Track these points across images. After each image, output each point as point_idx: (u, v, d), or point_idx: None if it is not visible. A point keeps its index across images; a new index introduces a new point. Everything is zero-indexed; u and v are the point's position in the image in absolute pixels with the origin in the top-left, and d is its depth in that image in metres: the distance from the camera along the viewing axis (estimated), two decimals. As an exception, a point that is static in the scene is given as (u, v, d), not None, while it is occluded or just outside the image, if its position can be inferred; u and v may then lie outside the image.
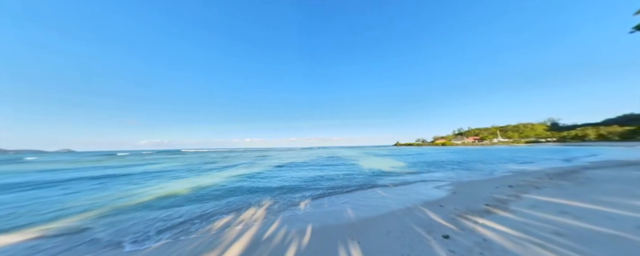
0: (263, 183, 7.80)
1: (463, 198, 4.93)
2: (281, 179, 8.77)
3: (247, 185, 7.59)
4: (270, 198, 5.59)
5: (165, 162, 20.44)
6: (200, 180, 9.02)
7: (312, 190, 6.51)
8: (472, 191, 5.67)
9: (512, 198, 4.68)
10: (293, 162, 17.54)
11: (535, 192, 5.16)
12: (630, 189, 4.93)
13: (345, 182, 7.78)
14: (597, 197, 4.38)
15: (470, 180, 7.62)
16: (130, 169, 14.13)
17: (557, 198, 4.43)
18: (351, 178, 8.46)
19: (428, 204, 4.55)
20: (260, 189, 6.75)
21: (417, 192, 5.79)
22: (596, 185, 5.55)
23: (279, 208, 4.63)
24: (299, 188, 6.83)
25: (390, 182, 7.49)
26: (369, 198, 5.31)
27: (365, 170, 11.35)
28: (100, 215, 4.52)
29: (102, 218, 4.32)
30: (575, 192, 4.97)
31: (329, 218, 3.85)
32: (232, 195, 6.01)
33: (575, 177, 7.07)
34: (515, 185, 6.18)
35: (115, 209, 4.90)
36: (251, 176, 9.83)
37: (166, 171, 12.64)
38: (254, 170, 12.07)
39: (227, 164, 16.73)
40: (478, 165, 12.28)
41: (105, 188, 7.51)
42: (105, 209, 4.92)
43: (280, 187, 7.01)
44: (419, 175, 8.97)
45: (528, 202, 4.26)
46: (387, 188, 6.54)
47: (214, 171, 12.23)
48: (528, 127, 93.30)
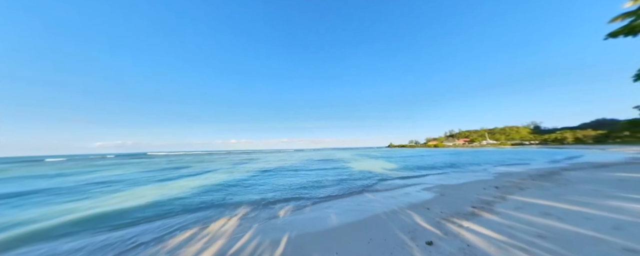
0: (240, 193, 6.62)
1: (450, 200, 4.91)
2: (263, 186, 7.85)
3: (219, 196, 6.13)
4: (245, 207, 5.06)
5: (118, 168, 16.20)
6: (152, 191, 6.97)
7: (296, 197, 6.04)
8: (459, 193, 5.70)
9: (498, 199, 4.72)
10: (280, 165, 17.08)
11: (520, 193, 5.27)
12: (603, 190, 5.17)
13: (333, 186, 7.55)
14: (575, 198, 4.51)
15: (459, 181, 7.72)
16: (56, 180, 10.43)
17: (540, 199, 4.51)
18: (340, 182, 8.26)
19: (415, 207, 4.46)
20: (235, 200, 5.62)
21: (405, 195, 5.72)
22: (574, 186, 5.78)
23: (255, 217, 4.25)
24: (280, 195, 6.37)
25: (380, 185, 7.41)
26: (355, 203, 5.15)
27: (356, 173, 11.23)
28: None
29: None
30: (556, 193, 5.12)
31: (308, 226, 3.62)
32: (191, 211, 4.70)
33: (555, 179, 7.38)
34: (501, 186, 6.31)
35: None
36: (225, 184, 8.15)
37: (113, 181, 9.58)
38: (232, 177, 10.28)
39: (200, 169, 14.11)
40: (467, 167, 12.62)
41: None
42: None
43: (260, 194, 6.40)
44: (409, 178, 8.99)
45: (513, 204, 4.30)
46: (375, 191, 6.44)
47: (181, 178, 10.21)
48: (514, 129, 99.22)
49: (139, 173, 12.70)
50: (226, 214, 4.52)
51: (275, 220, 4.03)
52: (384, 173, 10.72)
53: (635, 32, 10.94)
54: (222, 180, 9.25)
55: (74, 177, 11.44)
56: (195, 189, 7.28)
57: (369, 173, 10.81)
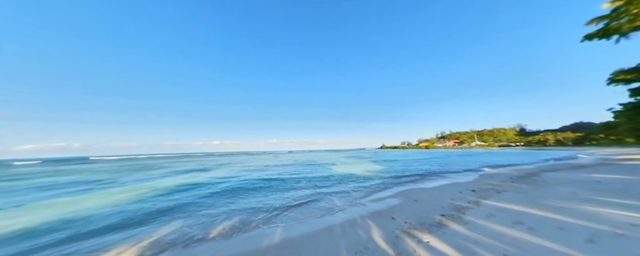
0: (179, 201, 5.66)
1: (421, 206, 4.49)
2: (214, 193, 6.79)
3: (154, 206, 5.17)
4: (179, 223, 4.11)
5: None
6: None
7: (251, 207, 5.28)
8: (434, 197, 5.34)
9: (472, 205, 4.38)
10: (251, 168, 16.22)
11: (496, 197, 4.99)
12: (580, 192, 5.04)
13: (299, 192, 6.94)
14: (551, 202, 4.27)
15: (438, 184, 7.46)
16: None
17: (515, 205, 4.22)
18: (311, 188, 7.69)
19: (378, 215, 3.98)
20: (168, 212, 4.66)
21: (375, 201, 5.26)
22: (551, 189, 5.64)
23: (183, 237, 3.46)
24: (233, 203, 5.65)
25: (353, 190, 6.92)
26: (316, 212, 4.58)
27: (334, 176, 10.72)
28: None
29: None
30: (533, 196, 4.90)
31: (244, 246, 2.98)
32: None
33: (534, 180, 7.33)
34: (479, 189, 6.07)
35: None
36: (169, 191, 6.98)
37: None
38: (184, 182, 8.94)
39: (144, 177, 11.22)
40: (451, 168, 12.60)
41: None
42: None
43: (202, 204, 5.50)
44: (388, 181, 8.61)
45: (485, 210, 3.95)
46: (346, 197, 5.93)
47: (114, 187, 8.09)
48: (501, 131, 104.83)
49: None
50: (152, 230, 3.75)
51: (204, 242, 3.32)
52: (365, 176, 10.31)
53: (609, 35, 11.52)
54: (171, 186, 8.23)
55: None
56: (129, 198, 6.14)
57: (348, 177, 10.35)
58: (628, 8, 10.27)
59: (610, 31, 11.25)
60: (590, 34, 12.00)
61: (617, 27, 10.95)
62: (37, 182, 10.65)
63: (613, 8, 10.68)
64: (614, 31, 11.14)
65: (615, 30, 11.07)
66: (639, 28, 10.48)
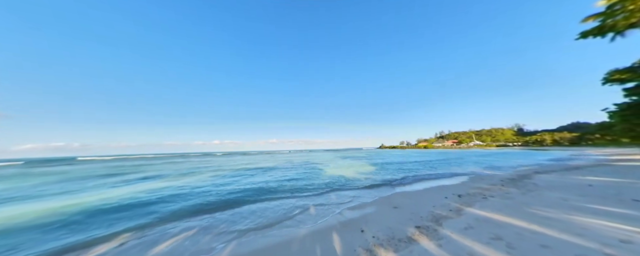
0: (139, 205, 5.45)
1: (399, 215, 4.14)
2: (186, 197, 6.50)
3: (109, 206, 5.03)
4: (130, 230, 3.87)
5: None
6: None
7: (216, 213, 4.95)
8: (415, 204, 5.00)
9: (452, 214, 4.04)
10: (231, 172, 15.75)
11: (481, 203, 4.67)
12: (570, 198, 4.75)
13: (273, 196, 6.54)
14: (538, 210, 3.96)
15: (425, 187, 7.15)
16: None
17: (499, 213, 3.89)
18: (289, 191, 7.29)
19: (348, 227, 3.62)
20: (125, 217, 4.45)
21: (353, 208, 4.91)
22: (541, 194, 5.36)
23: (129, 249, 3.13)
24: (199, 210, 5.21)
25: (335, 194, 6.55)
26: (283, 221, 4.19)
27: (320, 178, 10.35)
28: None
29: None
30: (520, 202, 4.59)
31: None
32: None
33: (525, 184, 7.06)
34: (466, 194, 5.75)
35: None
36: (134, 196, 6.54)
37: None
38: (156, 186, 8.47)
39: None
40: (445, 169, 12.33)
41: None
42: None
43: (162, 211, 5.12)
44: (375, 184, 8.26)
45: (465, 220, 3.61)
46: (323, 204, 5.55)
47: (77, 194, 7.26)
48: (499, 131, 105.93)
49: None
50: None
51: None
52: (353, 179, 9.96)
53: (603, 33, 11.34)
54: (143, 190, 7.73)
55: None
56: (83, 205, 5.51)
57: (336, 178, 9.99)
58: (624, 4, 10.07)
59: (606, 28, 11.06)
60: (586, 32, 11.81)
61: (612, 24, 10.77)
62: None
63: (608, 5, 10.49)
64: (609, 28, 10.96)
65: (611, 27, 10.88)
66: (635, 25, 10.31)
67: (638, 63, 13.48)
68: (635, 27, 10.36)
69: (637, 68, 13.39)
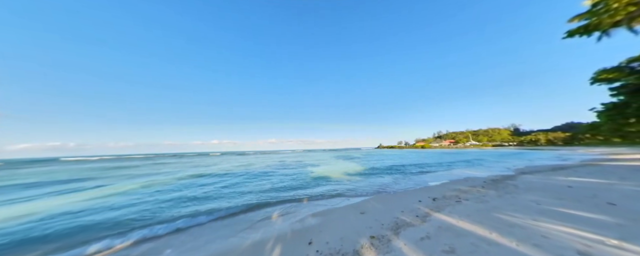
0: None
1: (360, 222, 3.91)
2: (146, 200, 6.21)
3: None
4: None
5: None
6: None
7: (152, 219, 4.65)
8: (386, 208, 4.78)
9: (417, 220, 3.82)
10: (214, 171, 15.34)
11: (451, 208, 4.47)
12: (542, 201, 4.59)
13: (241, 200, 6.25)
14: (506, 215, 3.76)
15: (403, 188, 6.95)
16: None
17: (464, 220, 3.68)
18: (261, 192, 7.01)
19: (299, 237, 3.36)
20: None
21: (316, 214, 4.64)
22: (517, 196, 5.19)
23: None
24: (149, 217, 4.92)
25: (309, 198, 6.30)
26: (233, 228, 3.92)
27: (305, 179, 10.07)
28: None
29: None
30: (491, 207, 4.40)
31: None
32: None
33: (506, 185, 6.92)
34: (441, 197, 5.56)
35: None
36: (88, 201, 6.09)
37: None
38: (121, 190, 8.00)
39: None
40: (432, 170, 12.18)
41: None
42: None
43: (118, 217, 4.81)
44: (355, 185, 8.03)
45: (426, 229, 3.39)
46: (291, 208, 5.29)
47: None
48: (496, 131, 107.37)
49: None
50: None
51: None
52: (336, 180, 9.72)
53: (589, 32, 11.36)
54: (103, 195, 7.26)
55: None
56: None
57: (320, 179, 9.73)
58: (608, 3, 10.09)
59: (591, 27, 11.08)
60: (572, 31, 11.84)
61: (597, 22, 10.79)
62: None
63: (593, 3, 10.51)
64: (594, 27, 10.98)
65: (596, 26, 10.91)
66: (620, 24, 10.34)
67: (625, 62, 13.62)
68: (620, 25, 10.40)
69: (623, 68, 13.52)
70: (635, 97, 12.32)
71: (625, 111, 12.77)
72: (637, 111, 12.04)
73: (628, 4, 9.56)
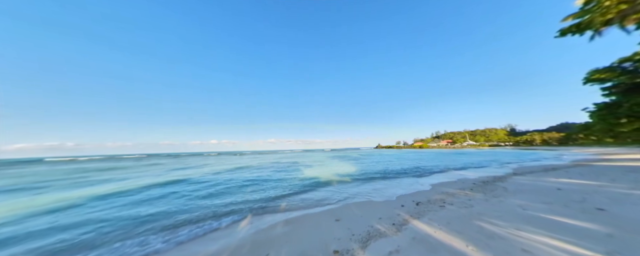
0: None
1: (330, 231, 3.58)
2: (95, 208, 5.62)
3: None
4: None
5: None
6: None
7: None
8: (363, 215, 4.47)
9: (391, 230, 3.51)
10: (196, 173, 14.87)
11: (432, 214, 4.18)
12: (529, 206, 4.34)
13: (210, 207, 5.83)
14: (488, 223, 3.48)
15: (387, 192, 6.63)
16: None
17: (443, 228, 3.39)
18: (231, 197, 6.61)
19: (256, 247, 3.01)
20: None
21: (287, 221, 4.29)
22: (504, 201, 4.94)
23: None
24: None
25: (286, 202, 5.94)
26: (206, 232, 3.54)
27: (288, 182, 9.69)
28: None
29: None
30: (475, 212, 4.12)
31: None
32: None
33: (495, 187, 6.69)
34: (425, 202, 5.27)
35: None
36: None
37: None
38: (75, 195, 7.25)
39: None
40: (426, 171, 11.95)
41: None
42: None
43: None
44: (341, 188, 7.69)
45: (399, 240, 3.08)
46: (259, 213, 4.94)
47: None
48: (492, 131, 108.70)
49: None
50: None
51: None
52: (325, 182, 9.38)
53: (582, 31, 11.27)
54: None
55: None
56: None
57: (307, 183, 9.37)
58: (599, 1, 9.98)
59: (583, 25, 10.99)
60: (564, 29, 11.75)
61: (589, 20, 10.70)
62: None
63: (586, 1, 10.41)
64: (586, 25, 10.89)
65: (588, 24, 10.81)
66: (611, 22, 10.26)
67: (617, 62, 13.63)
68: (612, 24, 10.32)
69: (615, 68, 13.52)
70: (627, 96, 12.30)
71: (616, 111, 12.74)
72: (628, 111, 12.01)
73: (620, 2, 9.48)
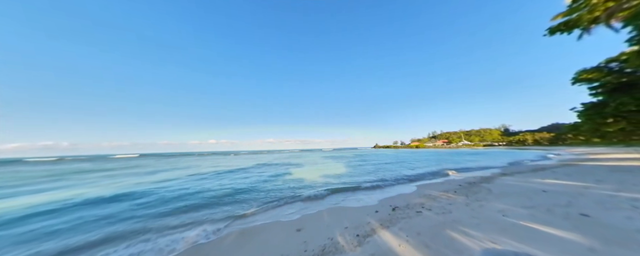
0: None
1: (283, 246, 3.13)
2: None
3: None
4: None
5: None
6: None
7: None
8: (331, 222, 4.05)
9: (352, 242, 3.10)
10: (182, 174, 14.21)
11: (405, 222, 3.79)
12: (510, 210, 4.00)
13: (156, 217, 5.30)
14: (460, 234, 3.10)
15: (368, 198, 6.23)
16: None
17: (409, 241, 2.99)
18: (190, 201, 6.05)
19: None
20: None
21: (241, 232, 3.82)
22: (486, 205, 4.60)
23: None
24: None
25: (254, 207, 5.45)
26: None
27: (271, 184, 9.16)
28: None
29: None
30: (451, 219, 3.75)
31: None
32: None
33: (480, 189, 6.39)
34: (403, 206, 4.89)
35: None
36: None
37: None
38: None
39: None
40: (417, 172, 11.65)
41: None
42: None
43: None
44: (323, 191, 7.23)
45: (357, 255, 2.64)
46: (216, 222, 4.44)
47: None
48: (487, 131, 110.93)
49: None
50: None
51: None
52: (307, 184, 8.91)
53: (570, 29, 11.22)
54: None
55: None
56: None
57: (288, 185, 8.87)
58: (587, -2, 9.91)
59: (571, 23, 10.94)
60: (553, 28, 11.71)
61: (577, 18, 10.65)
62: None
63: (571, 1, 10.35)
64: (574, 23, 10.84)
65: (576, 22, 10.76)
66: (598, 20, 10.21)
67: (603, 63, 13.74)
68: (599, 22, 10.28)
69: (602, 68, 13.61)
70: (612, 96, 12.36)
71: (603, 111, 12.80)
72: (614, 111, 12.05)
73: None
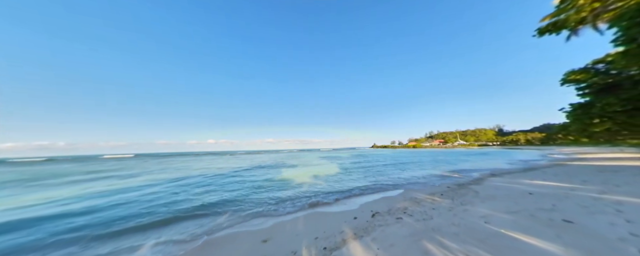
0: None
1: None
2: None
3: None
4: None
5: None
6: None
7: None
8: (303, 231, 3.78)
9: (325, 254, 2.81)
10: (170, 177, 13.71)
11: (382, 230, 3.56)
12: (493, 216, 3.82)
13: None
14: (436, 245, 2.88)
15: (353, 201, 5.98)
16: None
17: (382, 253, 2.73)
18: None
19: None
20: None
21: (206, 243, 3.50)
22: (468, 209, 4.42)
23: None
24: None
25: (228, 211, 5.12)
26: None
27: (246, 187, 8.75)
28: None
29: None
30: (430, 227, 3.54)
31: None
32: None
33: (467, 191, 6.24)
34: (385, 211, 4.67)
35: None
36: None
37: None
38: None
39: None
40: (408, 173, 11.49)
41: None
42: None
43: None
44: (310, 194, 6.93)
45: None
46: (179, 230, 4.11)
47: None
48: (482, 131, 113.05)
49: None
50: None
51: None
52: (293, 186, 8.59)
53: (558, 29, 11.33)
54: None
55: None
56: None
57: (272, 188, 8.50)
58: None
59: (559, 24, 11.03)
60: (542, 29, 11.80)
61: (565, 19, 10.74)
62: None
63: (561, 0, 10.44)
64: (562, 24, 10.94)
65: (564, 22, 10.85)
66: (585, 21, 10.32)
67: (591, 64, 13.97)
68: (586, 23, 10.38)
69: (589, 69, 13.84)
70: (599, 97, 12.54)
71: (590, 111, 12.98)
72: (600, 111, 12.23)
73: (593, 0, 9.52)
